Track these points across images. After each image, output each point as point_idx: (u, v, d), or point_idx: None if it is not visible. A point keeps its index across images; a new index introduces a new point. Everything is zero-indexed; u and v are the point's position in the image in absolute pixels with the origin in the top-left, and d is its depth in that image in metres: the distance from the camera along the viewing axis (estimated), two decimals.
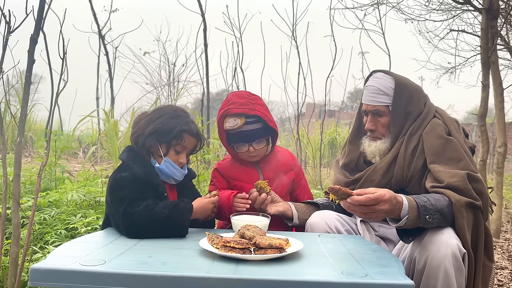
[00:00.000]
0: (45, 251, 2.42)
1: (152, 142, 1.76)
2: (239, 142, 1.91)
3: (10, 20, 1.99)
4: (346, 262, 1.29)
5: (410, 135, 1.81)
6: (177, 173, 1.80)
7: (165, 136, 1.76)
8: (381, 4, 5.74)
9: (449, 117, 1.87)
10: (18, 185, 1.98)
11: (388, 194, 1.43)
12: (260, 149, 1.93)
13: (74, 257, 1.19)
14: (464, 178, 1.60)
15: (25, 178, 3.84)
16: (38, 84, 8.64)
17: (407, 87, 1.86)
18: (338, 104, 9.99)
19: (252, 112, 1.87)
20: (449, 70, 6.91)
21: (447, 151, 1.72)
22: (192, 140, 1.82)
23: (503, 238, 4.32)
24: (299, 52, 6.52)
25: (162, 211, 1.54)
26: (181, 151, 1.80)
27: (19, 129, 1.99)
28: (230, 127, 1.88)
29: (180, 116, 1.80)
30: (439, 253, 1.43)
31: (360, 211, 1.42)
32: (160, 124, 1.76)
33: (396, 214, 1.49)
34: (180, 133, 1.77)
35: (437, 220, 1.50)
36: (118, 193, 1.62)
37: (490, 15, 3.90)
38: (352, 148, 2.01)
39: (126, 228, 1.53)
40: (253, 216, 1.73)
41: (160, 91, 10.05)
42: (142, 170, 1.69)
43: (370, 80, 1.92)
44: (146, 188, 1.66)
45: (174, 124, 1.76)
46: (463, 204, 1.54)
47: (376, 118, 1.88)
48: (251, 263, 1.23)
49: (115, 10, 8.17)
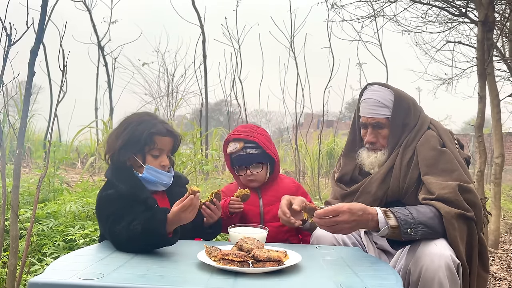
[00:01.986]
0: (43, 263, 2.41)
1: (126, 156, 1.71)
2: (238, 165, 2.09)
3: (11, 33, 2.01)
4: (345, 275, 1.29)
5: (405, 147, 1.83)
6: (163, 177, 1.75)
7: (136, 145, 1.71)
8: (378, 16, 5.80)
9: (443, 128, 1.89)
10: (17, 196, 1.98)
11: (347, 205, 1.50)
12: (258, 173, 2.07)
13: (72, 270, 1.18)
14: (455, 190, 1.60)
15: (23, 189, 3.83)
16: (37, 94, 8.67)
17: (405, 99, 1.87)
18: (336, 115, 10.06)
19: (251, 138, 2.06)
20: (446, 81, 6.97)
21: (440, 163, 1.73)
22: (165, 140, 1.76)
23: (502, 249, 4.32)
24: (297, 63, 6.57)
25: (136, 227, 1.46)
26: (159, 155, 1.75)
27: (18, 140, 2.00)
28: (230, 150, 2.08)
29: (146, 120, 1.76)
30: (433, 264, 1.44)
31: (323, 224, 1.50)
32: (127, 135, 1.71)
33: (371, 226, 1.54)
34: (150, 137, 1.71)
35: (421, 232, 1.52)
36: (104, 211, 1.61)
37: (486, 27, 3.94)
38: (347, 161, 2.01)
39: (114, 245, 1.52)
40: (251, 228, 1.74)
41: (159, 101, 10.10)
42: (126, 187, 1.64)
43: (367, 93, 1.92)
44: (133, 203, 1.61)
45: (141, 130, 1.71)
46: (453, 215, 1.55)
47: (376, 131, 1.89)
48: (249, 276, 1.23)
49: (115, 22, 8.25)
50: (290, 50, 6.65)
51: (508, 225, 5.17)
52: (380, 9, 5.61)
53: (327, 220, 1.49)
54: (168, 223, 1.46)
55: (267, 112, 19.55)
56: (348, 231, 1.55)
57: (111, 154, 1.74)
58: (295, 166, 6.47)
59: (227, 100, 7.75)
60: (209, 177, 5.37)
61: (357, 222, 1.51)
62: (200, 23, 6.40)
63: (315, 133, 9.48)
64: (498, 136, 4.16)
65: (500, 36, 4.95)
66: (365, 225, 1.55)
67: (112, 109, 8.17)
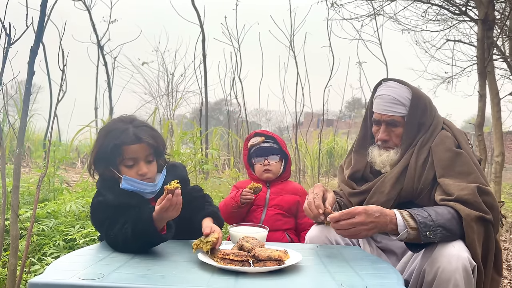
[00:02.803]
0: (43, 263, 2.41)
1: (101, 169, 1.66)
2: (258, 157, 2.36)
3: (10, 33, 2.00)
4: (346, 274, 1.29)
5: (421, 146, 1.79)
6: (145, 187, 1.63)
7: (106, 159, 1.62)
8: (378, 15, 5.80)
9: (458, 129, 1.85)
10: (17, 196, 1.98)
11: (363, 207, 1.48)
12: (274, 164, 2.34)
13: (72, 270, 1.18)
14: (474, 191, 1.57)
15: (23, 188, 3.82)
16: (36, 94, 8.65)
17: (422, 98, 1.82)
18: (336, 114, 10.05)
19: (270, 134, 2.43)
20: (446, 80, 6.98)
21: (457, 165, 1.69)
22: (134, 148, 1.60)
23: (502, 247, 4.32)
24: (297, 62, 6.56)
25: (126, 230, 1.45)
26: (133, 163, 1.61)
27: (18, 140, 1.99)
28: (253, 142, 2.39)
29: (114, 129, 1.64)
30: (450, 265, 1.42)
31: (340, 228, 1.48)
32: (96, 149, 1.64)
33: (390, 228, 1.51)
34: (116, 149, 1.59)
35: (440, 235, 1.48)
36: (98, 216, 1.61)
37: (486, 25, 3.94)
38: (358, 157, 1.96)
39: (113, 248, 1.51)
40: (251, 227, 1.73)
41: (158, 101, 10.07)
42: (114, 196, 1.60)
43: (383, 89, 1.85)
44: (124, 210, 1.56)
45: (107, 143, 1.60)
46: (473, 218, 1.52)
47: (390, 129, 1.83)
48: (250, 276, 1.23)
49: (114, 21, 8.22)
50: (290, 49, 6.64)
51: (509, 223, 5.17)
52: (380, 8, 5.61)
53: (344, 223, 1.46)
54: (154, 221, 1.43)
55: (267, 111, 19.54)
56: (366, 234, 1.50)
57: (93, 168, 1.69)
58: (295, 165, 6.46)
59: (227, 99, 7.76)
60: (209, 176, 5.37)
61: (375, 224, 1.47)
62: (199, 22, 6.38)
63: (315, 132, 9.48)
64: (498, 134, 4.16)
65: (500, 34, 4.95)
66: (383, 228, 1.50)
67: (112, 108, 8.16)
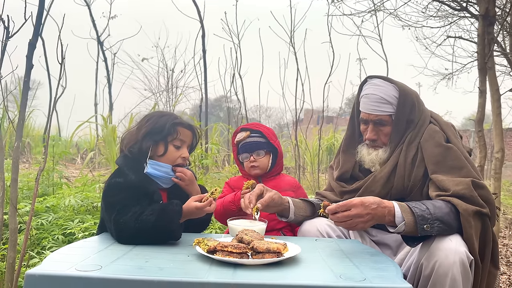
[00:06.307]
0: (42, 256, 2.41)
1: (148, 144, 1.73)
2: (244, 153, 2.22)
3: (8, 25, 1.99)
4: (344, 266, 1.29)
5: (409, 143, 1.78)
6: (171, 172, 1.75)
7: (159, 134, 1.73)
8: (378, 10, 5.78)
9: (445, 121, 1.84)
10: (15, 190, 1.98)
11: (360, 198, 1.48)
12: (260, 160, 2.19)
13: (69, 262, 1.18)
14: (469, 186, 1.57)
15: (22, 183, 3.82)
16: (36, 90, 8.65)
17: (409, 95, 1.80)
18: (336, 110, 10.03)
19: (256, 128, 2.25)
20: (446, 76, 6.96)
21: (448, 160, 1.68)
22: (187, 132, 1.80)
23: (501, 243, 4.32)
24: (297, 59, 6.53)
25: (148, 218, 1.47)
26: (180, 146, 1.78)
27: (17, 133, 1.99)
28: (238, 138, 2.24)
29: (168, 114, 1.83)
30: (447, 259, 1.42)
31: (337, 220, 1.48)
32: (151, 125, 1.75)
33: (387, 220, 1.50)
34: (174, 127, 1.75)
35: (437, 228, 1.48)
36: (110, 198, 1.61)
37: (486, 21, 3.92)
38: (346, 158, 1.95)
39: (117, 235, 1.51)
40: (250, 220, 1.73)
41: (158, 97, 10.07)
42: (136, 177, 1.66)
43: (369, 88, 1.83)
44: (140, 195, 1.61)
45: (164, 121, 1.75)
46: (470, 213, 1.51)
47: (378, 128, 1.82)
48: (249, 268, 1.23)
49: (114, 17, 8.22)
50: (290, 45, 6.61)
51: (508, 220, 5.17)
52: (380, 4, 5.58)
53: (340, 215, 1.46)
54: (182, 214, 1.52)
55: (267, 108, 19.55)
56: (363, 226, 1.50)
57: (132, 145, 1.74)
58: (295, 161, 6.45)
59: (227, 95, 7.73)
60: (209, 171, 5.36)
61: (372, 216, 1.47)
62: (199, 18, 6.36)
63: (315, 129, 9.47)
64: (498, 131, 4.15)
65: (501, 30, 4.94)
66: (381, 219, 1.50)
67: (112, 104, 8.16)
